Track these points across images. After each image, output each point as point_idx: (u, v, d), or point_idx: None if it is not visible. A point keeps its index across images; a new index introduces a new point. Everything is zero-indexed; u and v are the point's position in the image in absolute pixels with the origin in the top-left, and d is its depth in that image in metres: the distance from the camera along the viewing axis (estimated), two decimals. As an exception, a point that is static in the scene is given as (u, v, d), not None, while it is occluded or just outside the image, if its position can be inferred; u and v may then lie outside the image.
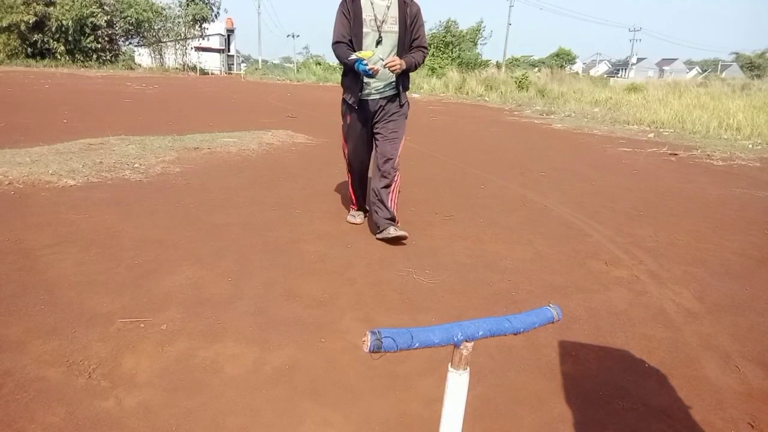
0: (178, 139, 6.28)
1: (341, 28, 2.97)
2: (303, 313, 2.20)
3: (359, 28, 2.92)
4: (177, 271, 2.53)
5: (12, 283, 2.29)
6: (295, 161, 5.63)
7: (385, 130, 3.14)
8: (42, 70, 25.46)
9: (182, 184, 4.28)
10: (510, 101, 17.81)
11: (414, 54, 3.04)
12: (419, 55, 3.05)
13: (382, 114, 3.13)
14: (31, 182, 3.95)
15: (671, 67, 67.14)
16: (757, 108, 11.51)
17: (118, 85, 17.00)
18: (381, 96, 3.10)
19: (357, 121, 3.17)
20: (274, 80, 30.42)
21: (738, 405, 1.72)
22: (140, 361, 1.78)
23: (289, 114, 10.61)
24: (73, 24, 29.58)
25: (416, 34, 3.05)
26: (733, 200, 4.72)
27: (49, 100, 10.74)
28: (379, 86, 3.07)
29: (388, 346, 0.56)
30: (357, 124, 3.18)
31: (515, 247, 3.18)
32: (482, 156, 6.68)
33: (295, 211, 3.71)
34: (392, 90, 3.10)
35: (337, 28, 2.98)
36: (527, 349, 2.00)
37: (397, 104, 3.13)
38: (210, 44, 41.83)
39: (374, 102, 3.10)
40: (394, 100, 3.12)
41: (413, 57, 3.02)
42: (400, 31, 2.98)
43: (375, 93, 3.08)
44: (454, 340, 0.71)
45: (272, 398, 1.63)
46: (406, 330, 0.64)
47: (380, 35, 2.96)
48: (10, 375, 1.65)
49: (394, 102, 3.12)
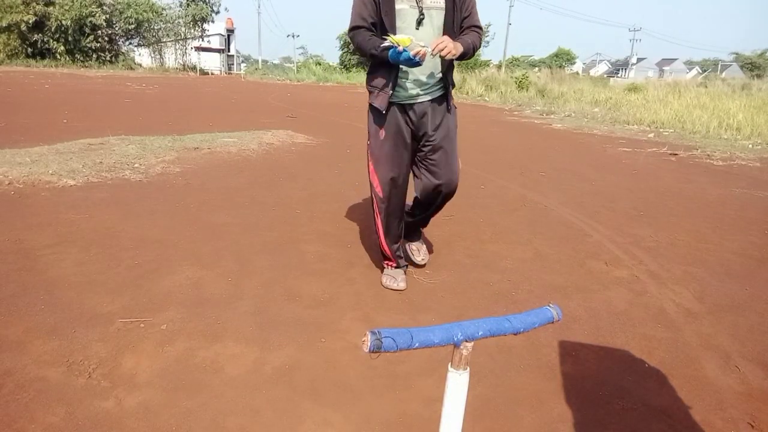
0: (178, 139, 6.28)
1: (363, 7, 2.18)
2: (303, 313, 2.20)
3: (391, 4, 2.15)
4: (177, 271, 2.53)
5: (12, 283, 2.29)
6: (295, 161, 5.63)
7: (435, 149, 2.31)
8: (42, 70, 25.46)
9: (182, 184, 4.28)
10: (510, 101, 17.81)
11: (468, 35, 2.23)
12: (475, 37, 2.23)
13: (429, 123, 2.30)
14: (31, 182, 3.95)
15: (671, 67, 67.17)
16: (757, 108, 11.52)
17: (118, 85, 17.00)
18: (428, 96, 2.28)
19: (395, 137, 2.30)
20: (274, 80, 30.42)
21: (738, 405, 1.72)
22: (140, 361, 1.78)
23: (289, 114, 10.61)
24: (72, 24, 29.57)
25: (467, 11, 2.26)
26: (733, 200, 4.72)
27: (49, 100, 10.74)
28: (425, 82, 2.24)
29: (388, 346, 0.56)
30: (395, 141, 2.31)
31: (515, 247, 3.18)
32: (482, 156, 6.68)
33: (295, 211, 3.70)
34: (440, 88, 2.30)
35: (357, 9, 2.20)
36: (527, 349, 2.00)
37: (444, 107, 2.33)
38: (210, 44, 41.85)
39: (420, 106, 2.28)
40: (441, 102, 2.32)
41: (469, 39, 2.19)
42: (447, 5, 2.18)
43: (421, 93, 2.26)
44: (454, 340, 0.71)
45: (272, 398, 1.63)
46: (406, 330, 0.64)
47: (422, 12, 2.16)
48: (10, 375, 1.65)
49: (442, 105, 2.32)
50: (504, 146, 7.74)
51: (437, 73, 2.25)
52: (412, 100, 2.26)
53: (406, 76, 2.22)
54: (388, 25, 2.14)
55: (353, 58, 35.28)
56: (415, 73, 2.21)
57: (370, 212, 2.58)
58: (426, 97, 2.27)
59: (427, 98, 2.27)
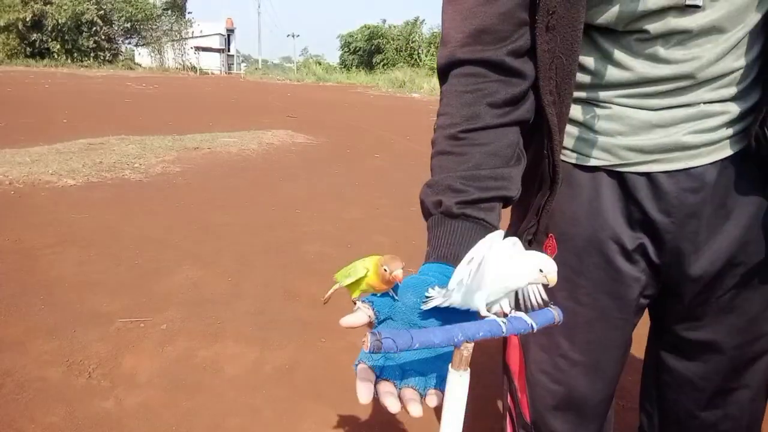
0: (178, 138, 6.28)
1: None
2: (303, 313, 2.20)
3: None
4: (177, 271, 2.53)
5: (12, 283, 2.29)
6: (295, 161, 5.62)
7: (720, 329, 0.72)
8: (42, 70, 25.45)
9: (182, 184, 4.28)
10: (510, 101, 17.78)
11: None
12: None
13: (696, 240, 0.68)
14: (31, 182, 3.95)
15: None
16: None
17: (118, 85, 16.99)
18: (706, 148, 0.65)
19: (594, 277, 0.72)
20: (274, 80, 30.43)
21: (738, 405, 1.72)
22: (140, 361, 1.78)
23: (289, 114, 10.61)
24: (68, 21, 29.44)
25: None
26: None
27: (49, 99, 10.74)
28: (686, 109, 0.63)
29: (388, 347, 0.56)
30: (595, 287, 0.72)
31: (515, 247, 3.18)
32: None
33: (295, 211, 3.70)
34: (741, 125, 0.65)
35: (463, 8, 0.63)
36: (527, 349, 2.00)
37: (752, 185, 0.66)
38: (210, 44, 41.84)
39: (672, 181, 0.66)
40: (743, 173, 0.65)
41: None
42: None
43: (681, 134, 0.64)
44: (454, 341, 0.71)
45: (272, 398, 1.63)
46: (406, 331, 0.64)
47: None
48: (10, 375, 1.65)
49: (744, 179, 0.66)
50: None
51: (738, 74, 0.63)
52: (654, 159, 0.66)
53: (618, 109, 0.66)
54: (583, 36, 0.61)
55: (354, 58, 35.27)
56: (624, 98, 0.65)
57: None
58: (708, 147, 0.65)
59: (698, 158, 0.66)
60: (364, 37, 34.02)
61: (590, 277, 0.72)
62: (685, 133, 0.64)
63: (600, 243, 0.70)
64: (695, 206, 0.66)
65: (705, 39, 0.60)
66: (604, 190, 0.69)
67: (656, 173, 0.66)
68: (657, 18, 0.59)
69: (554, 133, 0.64)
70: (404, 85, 23.96)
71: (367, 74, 30.49)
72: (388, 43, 32.53)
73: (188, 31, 37.65)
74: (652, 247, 0.70)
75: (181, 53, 37.89)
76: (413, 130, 8.91)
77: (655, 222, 0.67)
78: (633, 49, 0.62)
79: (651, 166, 0.66)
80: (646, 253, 0.70)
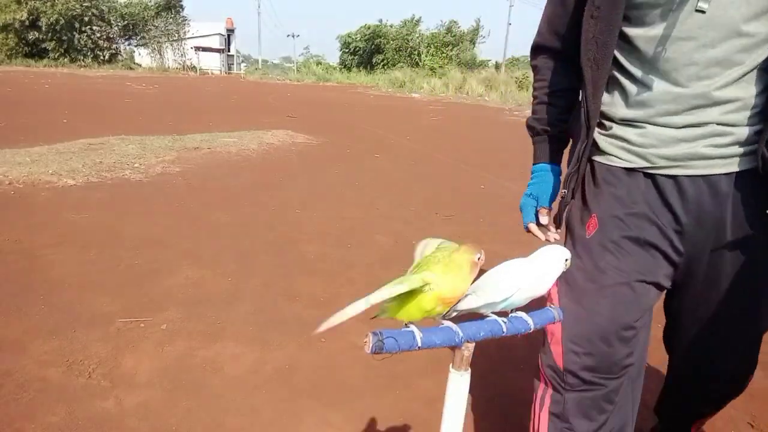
0: (178, 138, 6.28)
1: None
2: (303, 313, 2.20)
3: None
4: (177, 271, 2.53)
5: (12, 283, 2.29)
6: (295, 161, 5.63)
7: (727, 301, 0.94)
8: (42, 70, 25.44)
9: (182, 184, 4.28)
10: (510, 101, 17.81)
11: None
12: None
13: (721, 235, 0.89)
14: (31, 182, 3.95)
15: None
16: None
17: (118, 85, 16.99)
18: (721, 161, 0.86)
19: (628, 237, 0.95)
20: (274, 80, 30.42)
21: (738, 405, 1.71)
22: (140, 361, 1.78)
23: (289, 114, 10.60)
24: (60, 18, 29.23)
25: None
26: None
27: (49, 99, 10.73)
28: (710, 125, 0.85)
29: (390, 347, 0.56)
30: (627, 247, 0.95)
31: (515, 247, 3.18)
32: (483, 156, 6.68)
33: (295, 211, 3.70)
34: (750, 146, 0.84)
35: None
36: (527, 349, 2.00)
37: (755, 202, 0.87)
38: (210, 44, 41.79)
39: (696, 186, 0.88)
40: (754, 185, 0.86)
41: None
42: None
43: (700, 146, 0.86)
44: (455, 341, 0.71)
45: (272, 398, 1.63)
46: (407, 331, 0.64)
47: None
48: (10, 375, 1.65)
49: (756, 192, 0.86)
50: (504, 146, 7.74)
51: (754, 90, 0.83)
52: (688, 166, 0.88)
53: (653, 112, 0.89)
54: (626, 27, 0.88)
55: (353, 58, 35.24)
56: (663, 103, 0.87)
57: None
58: (721, 159, 0.87)
59: (714, 168, 0.87)
60: (363, 37, 33.97)
61: (624, 247, 0.95)
62: (703, 146, 0.86)
63: (634, 221, 0.94)
64: (710, 209, 0.88)
65: (714, 71, 0.82)
66: (640, 185, 0.93)
67: (681, 177, 0.89)
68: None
69: (587, 85, 0.92)
70: (404, 85, 23.98)
71: (367, 74, 30.48)
72: (388, 43, 32.50)
73: (185, 30, 37.46)
74: (675, 236, 0.92)
75: (180, 53, 37.81)
76: (413, 130, 8.91)
77: (678, 216, 0.91)
78: (659, 70, 0.87)
79: (676, 170, 0.89)
80: (670, 239, 0.93)
